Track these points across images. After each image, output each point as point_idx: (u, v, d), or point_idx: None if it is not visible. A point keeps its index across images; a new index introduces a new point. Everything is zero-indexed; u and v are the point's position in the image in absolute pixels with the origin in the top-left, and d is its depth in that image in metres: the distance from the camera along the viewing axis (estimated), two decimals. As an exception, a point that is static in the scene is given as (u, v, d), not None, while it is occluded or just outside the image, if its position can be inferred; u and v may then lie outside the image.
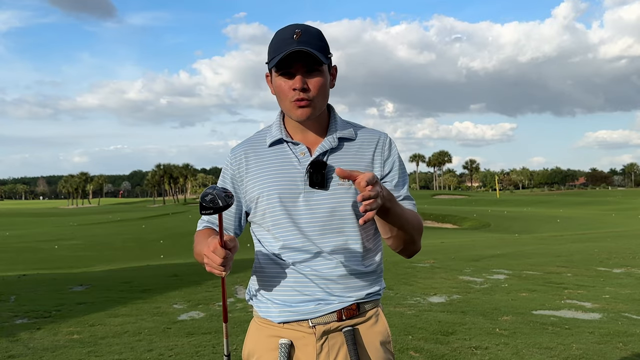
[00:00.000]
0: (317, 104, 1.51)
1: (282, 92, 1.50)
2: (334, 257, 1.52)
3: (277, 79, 1.51)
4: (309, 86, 1.48)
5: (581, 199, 68.56)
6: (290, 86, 1.48)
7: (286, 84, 1.49)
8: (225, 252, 1.33)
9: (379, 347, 1.56)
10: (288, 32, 1.48)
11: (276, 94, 1.55)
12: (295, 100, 1.49)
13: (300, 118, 1.51)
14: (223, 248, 1.33)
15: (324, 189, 1.52)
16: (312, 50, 1.44)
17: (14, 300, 7.14)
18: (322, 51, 1.48)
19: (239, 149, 1.64)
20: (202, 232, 1.64)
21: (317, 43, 1.48)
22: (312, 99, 1.49)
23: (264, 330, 1.57)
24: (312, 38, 1.48)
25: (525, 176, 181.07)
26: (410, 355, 4.28)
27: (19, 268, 14.79)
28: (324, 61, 1.47)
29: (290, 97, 1.49)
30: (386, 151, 1.61)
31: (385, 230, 1.49)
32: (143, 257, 17.67)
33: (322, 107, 1.54)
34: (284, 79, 1.49)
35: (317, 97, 1.50)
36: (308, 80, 1.48)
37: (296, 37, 1.45)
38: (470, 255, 11.73)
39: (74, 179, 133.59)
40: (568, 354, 4.28)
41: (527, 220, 35.38)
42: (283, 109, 1.56)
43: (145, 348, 4.59)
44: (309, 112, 1.50)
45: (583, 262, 9.99)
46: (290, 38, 1.46)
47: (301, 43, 1.45)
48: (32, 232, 35.74)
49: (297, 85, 1.47)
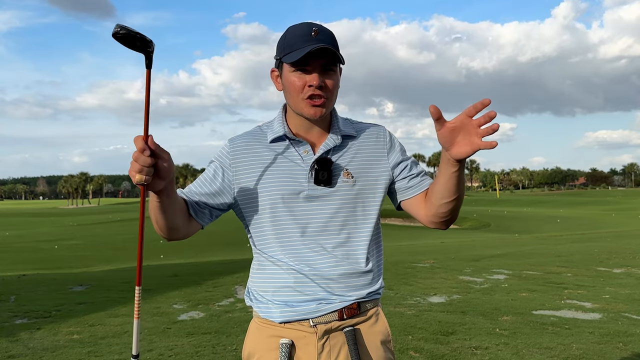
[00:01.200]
0: (330, 103, 1.52)
1: (295, 88, 1.49)
2: (334, 256, 1.52)
3: (291, 74, 1.49)
4: (325, 84, 1.48)
5: (581, 199, 68.57)
6: (305, 82, 1.47)
7: (300, 80, 1.48)
8: (145, 147, 1.23)
9: (379, 347, 1.56)
10: (305, 29, 1.47)
11: (286, 90, 1.52)
12: (309, 96, 1.48)
13: (314, 117, 1.50)
14: (144, 143, 1.23)
15: (329, 187, 1.52)
16: (334, 49, 1.45)
17: (14, 300, 7.13)
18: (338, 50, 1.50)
19: (240, 140, 1.59)
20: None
21: (333, 43, 1.49)
22: (327, 97, 1.49)
23: (264, 331, 1.57)
24: (329, 38, 1.48)
25: (525, 176, 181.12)
26: (410, 355, 4.28)
27: (19, 268, 14.78)
28: (342, 61, 1.49)
29: (303, 94, 1.48)
30: (388, 143, 1.62)
31: (454, 190, 1.45)
32: (143, 257, 17.64)
33: (331, 107, 1.55)
34: (299, 74, 1.48)
35: (331, 97, 1.51)
36: (324, 79, 1.48)
37: (314, 34, 1.46)
38: (470, 255, 11.73)
39: (74, 179, 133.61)
40: (568, 354, 4.28)
41: (527, 220, 35.38)
42: (293, 105, 1.53)
43: (145, 348, 4.59)
44: (322, 111, 1.50)
45: (583, 262, 9.99)
46: (308, 35, 1.46)
47: (320, 41, 1.45)
48: (32, 232, 35.72)
49: (314, 82, 1.46)
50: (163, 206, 1.38)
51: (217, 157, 1.59)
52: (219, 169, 1.56)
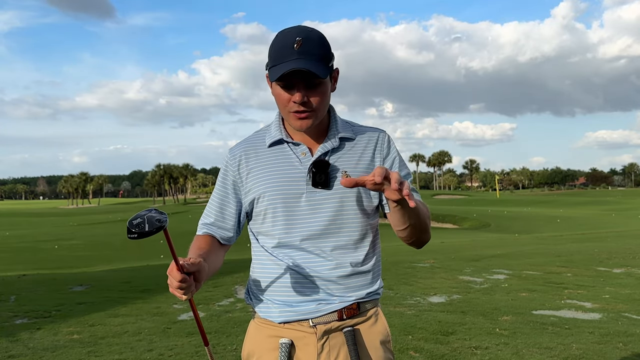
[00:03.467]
0: (318, 114, 1.50)
1: (281, 101, 1.49)
2: (333, 258, 1.52)
3: (276, 87, 1.48)
4: (309, 99, 1.46)
5: (581, 199, 68.57)
6: (289, 98, 1.47)
7: (285, 94, 1.47)
8: (182, 277, 1.28)
9: (379, 347, 1.56)
10: (289, 39, 1.43)
11: (275, 100, 1.53)
12: (294, 111, 1.47)
13: (300, 129, 1.50)
14: (180, 272, 1.28)
15: (327, 189, 1.52)
16: (311, 69, 1.40)
17: (14, 300, 7.13)
18: (323, 61, 1.45)
19: (238, 148, 1.62)
20: (197, 239, 1.63)
21: (318, 52, 1.44)
22: (312, 110, 1.48)
23: (264, 331, 1.57)
24: (313, 47, 1.43)
25: (525, 176, 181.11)
26: (410, 355, 4.28)
27: (19, 268, 14.79)
28: (323, 77, 1.43)
29: (289, 108, 1.48)
30: (385, 149, 1.61)
31: (402, 221, 1.44)
32: (143, 257, 17.65)
33: (322, 116, 1.53)
34: (283, 90, 1.47)
35: (318, 109, 1.49)
36: (308, 94, 1.46)
37: (297, 46, 1.41)
38: (470, 255, 11.74)
39: (74, 179, 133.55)
40: (568, 354, 4.28)
41: (527, 220, 35.39)
42: (282, 116, 1.55)
43: (145, 348, 4.59)
44: (309, 123, 1.49)
45: (583, 262, 10.00)
46: (290, 47, 1.42)
47: (302, 54, 1.41)
48: (32, 232, 35.73)
49: (296, 99, 1.45)
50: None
51: (223, 169, 1.64)
52: (229, 181, 1.61)
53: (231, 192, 1.62)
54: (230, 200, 1.62)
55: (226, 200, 1.62)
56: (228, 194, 1.62)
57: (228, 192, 1.62)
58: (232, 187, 1.61)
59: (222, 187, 1.63)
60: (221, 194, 1.63)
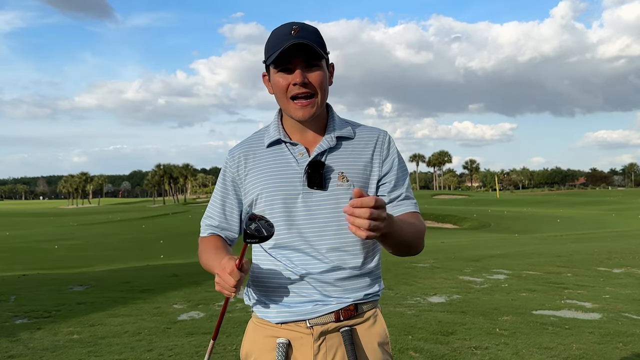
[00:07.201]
0: (319, 100, 1.50)
1: (281, 89, 1.49)
2: (331, 260, 1.51)
3: (276, 75, 1.49)
4: (309, 80, 1.47)
5: (581, 199, 68.56)
6: (289, 82, 1.47)
7: (285, 80, 1.48)
8: (241, 275, 1.37)
9: (376, 348, 1.55)
10: (285, 29, 1.47)
11: (275, 93, 1.53)
12: (294, 94, 1.47)
13: (303, 118, 1.50)
14: (239, 271, 1.37)
15: (322, 190, 1.51)
16: (312, 43, 1.43)
17: (14, 300, 7.13)
18: (320, 46, 1.48)
19: (237, 150, 1.63)
20: (208, 240, 1.64)
21: (315, 39, 1.47)
22: (312, 93, 1.48)
23: (261, 331, 1.57)
24: (310, 34, 1.47)
25: (525, 176, 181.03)
26: (410, 355, 4.28)
27: (19, 268, 14.80)
28: (323, 55, 1.47)
29: (289, 93, 1.48)
30: (385, 150, 1.59)
31: (384, 246, 1.46)
32: (143, 257, 17.66)
33: (322, 104, 1.53)
34: (283, 75, 1.48)
35: (318, 92, 1.49)
36: (308, 75, 1.47)
37: (294, 32, 1.45)
38: (470, 255, 11.74)
39: (74, 179, 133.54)
40: (568, 354, 4.28)
41: (527, 220, 35.39)
42: (283, 109, 1.55)
43: (145, 348, 4.59)
44: (311, 111, 1.49)
45: (583, 262, 9.99)
46: (288, 34, 1.45)
47: (299, 38, 1.44)
48: (32, 232, 35.72)
49: (297, 80, 1.45)
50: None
51: (223, 171, 1.65)
52: (229, 182, 1.63)
53: (232, 193, 1.63)
54: (232, 202, 1.63)
55: (228, 202, 1.63)
56: (229, 195, 1.63)
57: (229, 193, 1.63)
58: (232, 189, 1.62)
59: (223, 188, 1.64)
60: (223, 196, 1.64)
